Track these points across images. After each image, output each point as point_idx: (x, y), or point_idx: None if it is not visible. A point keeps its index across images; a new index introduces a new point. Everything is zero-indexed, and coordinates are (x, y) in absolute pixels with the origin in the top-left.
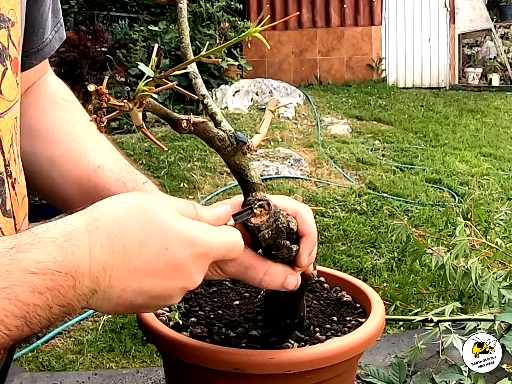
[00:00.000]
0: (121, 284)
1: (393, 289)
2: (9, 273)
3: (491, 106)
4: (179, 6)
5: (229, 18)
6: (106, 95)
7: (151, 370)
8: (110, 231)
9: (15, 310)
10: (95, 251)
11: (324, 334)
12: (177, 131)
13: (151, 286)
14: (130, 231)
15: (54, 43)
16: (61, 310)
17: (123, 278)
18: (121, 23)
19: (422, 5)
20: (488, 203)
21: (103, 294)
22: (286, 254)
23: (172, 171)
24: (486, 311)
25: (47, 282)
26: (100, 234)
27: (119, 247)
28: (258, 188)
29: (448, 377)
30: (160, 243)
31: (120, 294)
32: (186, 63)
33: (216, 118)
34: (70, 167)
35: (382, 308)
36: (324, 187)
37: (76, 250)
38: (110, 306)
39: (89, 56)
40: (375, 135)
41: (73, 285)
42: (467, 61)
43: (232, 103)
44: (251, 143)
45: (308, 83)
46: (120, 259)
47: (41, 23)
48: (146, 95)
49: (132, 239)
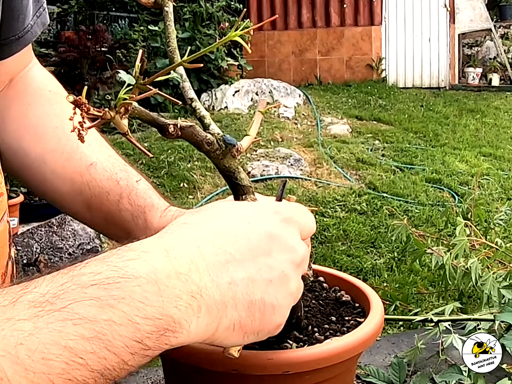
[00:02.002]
0: (226, 276)
1: (393, 289)
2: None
3: (491, 106)
4: (165, 10)
5: (229, 18)
6: (85, 105)
7: (151, 370)
8: (191, 225)
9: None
10: (171, 251)
11: (322, 334)
12: (165, 136)
13: (256, 267)
14: (212, 221)
15: (36, 28)
16: (154, 325)
17: (223, 268)
18: (121, 23)
19: (422, 5)
20: (488, 203)
21: (209, 294)
22: None
23: (172, 171)
24: (486, 311)
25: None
26: (175, 231)
27: (204, 240)
28: (248, 191)
29: (448, 377)
30: (241, 220)
31: (231, 289)
32: (168, 68)
33: (204, 121)
34: (62, 164)
35: (381, 307)
36: (324, 187)
37: (142, 254)
38: (231, 314)
39: (89, 56)
40: (375, 135)
41: (157, 290)
42: (467, 61)
43: (232, 103)
44: (241, 145)
45: (308, 83)
46: (210, 249)
47: (21, 9)
48: (127, 103)
49: (217, 227)
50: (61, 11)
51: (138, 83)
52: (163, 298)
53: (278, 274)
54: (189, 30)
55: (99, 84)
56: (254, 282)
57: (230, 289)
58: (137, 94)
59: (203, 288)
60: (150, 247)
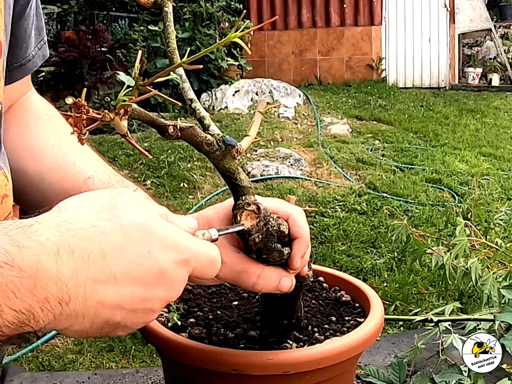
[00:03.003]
0: (99, 296)
1: (393, 289)
2: None
3: (491, 106)
4: (165, 10)
5: (229, 18)
6: (85, 107)
7: (151, 370)
8: (85, 235)
9: None
10: (63, 254)
11: (322, 334)
12: (165, 137)
13: (131, 297)
14: (109, 236)
15: (37, 59)
16: (17, 317)
17: (100, 288)
18: (121, 23)
19: (422, 5)
20: (488, 203)
21: (75, 307)
22: (277, 258)
23: (172, 171)
24: (486, 311)
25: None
26: (72, 237)
27: (96, 253)
28: (248, 192)
29: (448, 377)
30: (142, 247)
31: (97, 308)
32: (167, 70)
33: (204, 122)
34: (59, 179)
35: (381, 307)
36: (324, 187)
37: (35, 245)
38: (83, 325)
39: (89, 56)
40: (375, 135)
41: (32, 286)
42: (467, 61)
43: (232, 103)
44: (240, 146)
45: (308, 83)
46: (97, 266)
47: (25, 38)
48: (127, 104)
49: (111, 244)
50: (61, 11)
51: (137, 85)
52: (35, 296)
53: (147, 308)
54: (189, 30)
55: (99, 84)
56: (121, 309)
57: (95, 307)
58: (137, 95)
59: (72, 299)
60: (45, 239)
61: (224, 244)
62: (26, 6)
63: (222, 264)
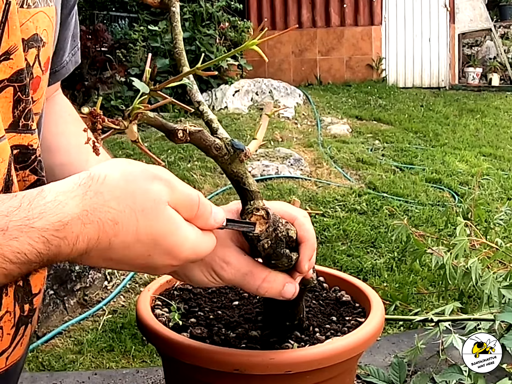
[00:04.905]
0: (99, 261)
1: (393, 289)
2: None
3: (491, 106)
4: (172, 10)
5: (229, 18)
6: (100, 116)
7: (151, 370)
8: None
9: None
10: (88, 224)
11: (323, 334)
12: (173, 141)
13: (121, 268)
14: (123, 235)
15: (70, 65)
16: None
17: (97, 263)
18: (121, 23)
19: (422, 5)
20: (488, 203)
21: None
22: (286, 263)
23: (172, 171)
24: (486, 311)
25: None
26: (96, 211)
27: (105, 242)
28: (256, 196)
29: (448, 377)
30: (146, 249)
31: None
32: (181, 75)
33: (212, 125)
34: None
35: (382, 307)
36: (324, 187)
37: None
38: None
39: (89, 56)
40: (375, 135)
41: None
42: (467, 61)
43: (232, 103)
44: (248, 150)
45: (308, 83)
46: (100, 252)
47: (63, 46)
48: (141, 112)
49: (122, 243)
50: None
51: (150, 90)
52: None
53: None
54: (189, 30)
55: (99, 84)
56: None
57: (96, 263)
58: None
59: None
60: (81, 209)
61: (229, 245)
62: (69, 15)
63: (227, 265)
